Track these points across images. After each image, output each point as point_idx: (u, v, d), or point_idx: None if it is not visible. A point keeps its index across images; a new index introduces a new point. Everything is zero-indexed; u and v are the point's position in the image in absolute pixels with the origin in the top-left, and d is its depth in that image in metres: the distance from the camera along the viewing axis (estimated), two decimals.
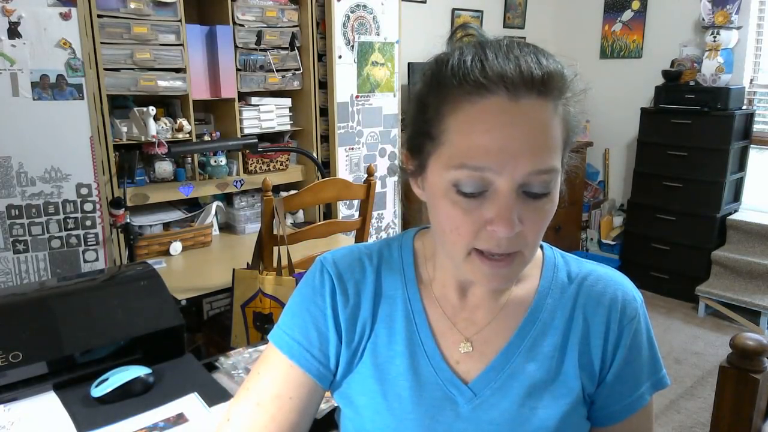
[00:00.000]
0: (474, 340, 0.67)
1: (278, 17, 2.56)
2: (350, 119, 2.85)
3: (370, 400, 0.68)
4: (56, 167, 2.01)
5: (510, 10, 4.16)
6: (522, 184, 0.57)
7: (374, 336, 0.69)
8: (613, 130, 4.30)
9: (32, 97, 1.94)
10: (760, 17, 3.63)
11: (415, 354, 0.68)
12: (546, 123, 0.57)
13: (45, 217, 2.03)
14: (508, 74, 0.56)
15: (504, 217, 0.56)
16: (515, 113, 0.55)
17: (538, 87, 0.56)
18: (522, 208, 0.57)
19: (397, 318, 0.69)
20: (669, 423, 2.48)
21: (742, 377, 1.15)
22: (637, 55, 4.12)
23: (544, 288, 0.69)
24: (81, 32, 1.98)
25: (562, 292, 0.69)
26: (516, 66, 0.56)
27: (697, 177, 3.59)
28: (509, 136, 0.55)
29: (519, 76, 0.56)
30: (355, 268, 0.72)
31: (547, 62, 0.59)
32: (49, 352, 1.09)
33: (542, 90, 0.57)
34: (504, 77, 0.56)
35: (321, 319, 0.70)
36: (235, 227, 2.66)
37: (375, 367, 0.68)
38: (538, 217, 0.59)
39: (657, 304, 3.70)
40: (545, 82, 0.57)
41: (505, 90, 0.55)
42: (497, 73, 0.56)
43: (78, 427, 0.98)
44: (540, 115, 0.56)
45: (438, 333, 0.68)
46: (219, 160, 2.48)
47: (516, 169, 0.56)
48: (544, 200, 0.58)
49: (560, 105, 0.59)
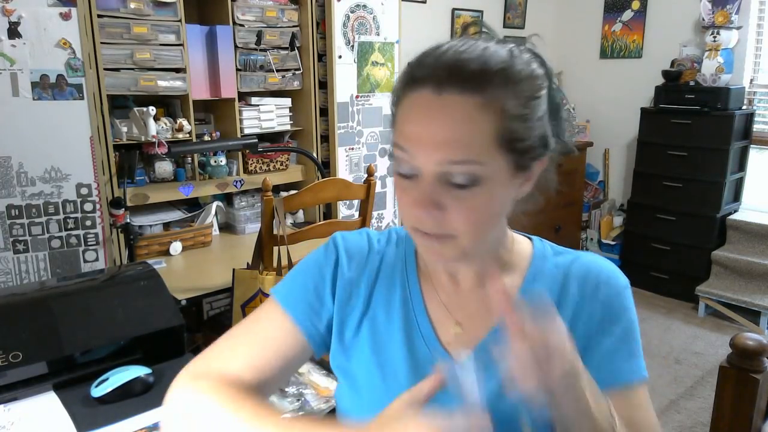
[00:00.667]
0: (464, 323, 0.72)
1: (278, 17, 2.56)
2: (350, 119, 2.85)
3: (367, 375, 0.73)
4: (56, 167, 2.01)
5: (510, 10, 4.16)
6: (443, 173, 0.61)
7: (372, 315, 0.75)
8: (613, 130, 4.30)
9: (32, 97, 1.94)
10: (760, 17, 3.63)
11: (411, 335, 0.73)
12: (468, 117, 0.60)
13: (45, 217, 2.03)
14: (438, 70, 0.61)
15: (418, 199, 0.62)
16: (436, 106, 0.61)
17: (464, 82, 0.60)
18: (445, 195, 0.62)
19: (395, 300, 0.75)
20: (669, 423, 2.48)
21: (742, 377, 1.15)
22: (637, 55, 4.12)
23: (532, 275, 0.73)
24: (81, 32, 1.98)
25: (550, 278, 0.73)
26: (450, 63, 0.61)
27: (697, 177, 3.59)
28: (427, 126, 0.61)
29: (447, 72, 0.61)
30: (363, 248, 0.78)
31: (495, 58, 0.62)
32: (49, 352, 1.09)
33: (469, 86, 0.60)
34: (433, 73, 0.61)
35: (321, 283, 0.77)
36: (235, 227, 2.66)
37: (374, 344, 0.74)
38: (463, 206, 0.62)
39: (657, 304, 3.70)
40: (475, 79, 0.60)
41: (432, 84, 0.61)
42: (428, 69, 0.62)
43: (78, 427, 0.98)
44: (462, 109, 0.60)
45: (433, 316, 0.73)
46: (219, 160, 2.48)
47: (432, 157, 0.61)
48: (472, 191, 0.61)
49: (495, 101, 0.61)
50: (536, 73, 0.64)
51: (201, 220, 2.52)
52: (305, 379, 1.14)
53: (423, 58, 0.64)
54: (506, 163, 0.63)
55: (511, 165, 0.64)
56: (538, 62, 0.66)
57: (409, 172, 0.63)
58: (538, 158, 0.67)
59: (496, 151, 0.62)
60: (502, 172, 0.63)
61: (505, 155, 0.62)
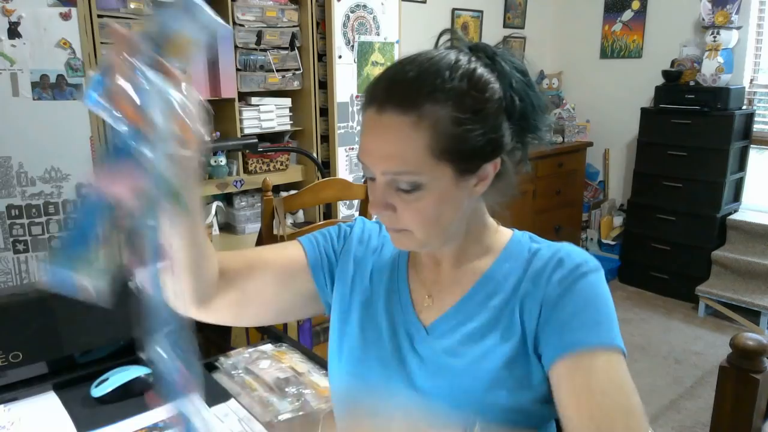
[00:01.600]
0: (435, 296, 0.82)
1: (278, 17, 2.56)
2: (350, 119, 2.85)
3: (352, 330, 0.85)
4: (56, 167, 2.01)
5: (510, 10, 4.16)
6: (390, 180, 0.70)
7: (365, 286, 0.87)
8: (613, 130, 4.30)
9: (32, 97, 1.94)
10: (760, 17, 3.64)
11: (391, 301, 0.85)
12: (403, 135, 0.68)
13: (45, 217, 2.03)
14: (380, 92, 0.70)
15: (374, 201, 0.73)
16: (378, 124, 0.69)
17: (399, 103, 0.68)
18: (395, 198, 0.71)
19: (385, 275, 0.87)
20: (669, 423, 2.48)
21: (742, 377, 1.15)
22: (637, 55, 4.12)
23: (504, 256, 0.81)
24: (81, 32, 1.98)
25: (520, 259, 0.79)
26: (386, 83, 0.70)
27: (697, 177, 3.59)
28: (372, 142, 0.71)
29: (384, 93, 0.69)
30: (374, 233, 0.92)
31: (432, 78, 0.68)
32: (49, 352, 1.09)
33: (403, 105, 0.68)
34: (377, 94, 0.70)
35: (335, 241, 0.91)
36: (235, 227, 2.66)
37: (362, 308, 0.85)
38: (410, 207, 0.71)
39: (657, 304, 3.70)
40: (408, 99, 0.68)
41: (376, 104, 0.69)
42: (378, 90, 0.71)
43: (78, 427, 0.98)
44: (398, 128, 0.68)
45: (412, 288, 0.85)
46: (219, 160, 2.48)
47: (378, 167, 0.71)
48: (416, 196, 0.70)
49: (427, 117, 0.67)
50: (483, 86, 0.70)
51: None
52: (305, 379, 1.14)
53: (375, 80, 0.73)
54: (447, 170, 0.70)
55: (454, 171, 0.70)
56: (493, 72, 0.72)
57: (370, 176, 0.73)
58: (489, 160, 0.72)
59: (434, 161, 0.69)
60: (445, 177, 0.70)
61: (444, 164, 0.69)
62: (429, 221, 0.72)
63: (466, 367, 0.75)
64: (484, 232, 0.82)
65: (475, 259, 0.81)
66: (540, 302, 0.74)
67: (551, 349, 0.71)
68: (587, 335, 0.70)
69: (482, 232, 0.81)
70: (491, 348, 0.74)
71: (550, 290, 0.73)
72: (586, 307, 0.72)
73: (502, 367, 0.73)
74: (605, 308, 0.73)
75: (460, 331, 0.78)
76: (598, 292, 0.73)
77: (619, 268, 4.05)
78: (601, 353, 0.70)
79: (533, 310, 0.74)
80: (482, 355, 0.75)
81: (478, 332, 0.76)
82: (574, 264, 0.74)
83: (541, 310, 0.73)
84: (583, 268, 0.74)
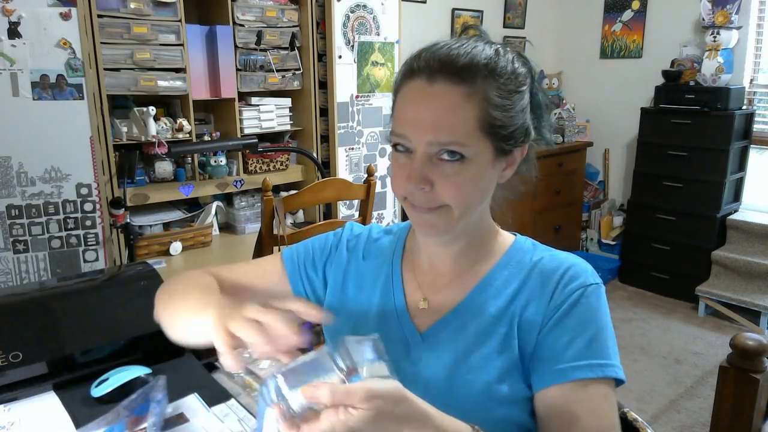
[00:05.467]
0: (431, 299, 0.81)
1: (278, 17, 2.56)
2: (350, 119, 2.85)
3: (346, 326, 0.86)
4: (56, 167, 2.01)
5: (510, 10, 4.16)
6: (433, 152, 0.69)
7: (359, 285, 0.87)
8: (613, 130, 4.30)
9: (32, 97, 1.94)
10: (760, 17, 3.63)
11: (386, 305, 0.84)
12: (454, 104, 0.68)
13: (45, 217, 2.03)
14: (431, 62, 0.70)
15: (411, 174, 0.70)
16: (428, 94, 0.69)
17: (453, 74, 0.68)
18: (434, 171, 0.70)
19: (380, 277, 0.86)
20: (669, 423, 2.48)
21: (742, 377, 1.15)
22: (637, 55, 4.12)
23: (504, 262, 0.80)
24: (81, 32, 1.98)
25: (520, 267, 0.79)
26: (442, 56, 0.70)
27: (697, 177, 3.58)
28: (419, 111, 0.69)
29: (439, 64, 0.69)
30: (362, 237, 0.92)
31: (482, 55, 0.70)
32: (49, 352, 1.09)
33: (458, 77, 0.68)
34: (427, 65, 0.70)
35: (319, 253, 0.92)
36: (235, 227, 2.66)
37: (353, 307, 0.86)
38: (449, 182, 0.70)
39: (657, 304, 3.70)
40: (463, 71, 0.69)
41: (426, 74, 0.69)
42: (424, 61, 0.70)
43: (78, 427, 0.98)
44: (450, 97, 0.68)
45: (407, 291, 0.83)
46: (219, 160, 2.48)
47: (423, 137, 0.69)
48: (457, 169, 0.70)
49: (479, 91, 0.69)
50: (519, 71, 0.73)
51: (201, 220, 2.52)
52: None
53: (420, 53, 0.73)
54: (489, 147, 0.71)
55: (494, 148, 0.72)
56: (521, 62, 0.75)
57: (405, 148, 0.72)
58: (519, 145, 0.75)
59: (479, 135, 0.70)
60: (485, 153, 0.71)
61: (487, 139, 0.70)
62: (466, 196, 0.72)
63: (460, 378, 0.75)
64: (486, 233, 0.82)
65: (474, 263, 0.81)
66: (540, 323, 0.74)
67: (542, 375, 0.72)
68: (581, 369, 0.71)
69: (484, 234, 0.81)
70: (486, 359, 0.74)
71: (550, 310, 0.74)
72: (583, 331, 0.72)
73: (496, 380, 0.73)
74: (603, 332, 0.73)
75: (455, 339, 0.77)
76: (597, 313, 0.74)
77: (619, 268, 4.05)
78: (592, 385, 0.71)
79: (532, 330, 0.74)
80: (477, 367, 0.74)
81: (473, 342, 0.76)
82: (576, 283, 0.74)
83: (540, 331, 0.73)
84: (583, 287, 0.74)
